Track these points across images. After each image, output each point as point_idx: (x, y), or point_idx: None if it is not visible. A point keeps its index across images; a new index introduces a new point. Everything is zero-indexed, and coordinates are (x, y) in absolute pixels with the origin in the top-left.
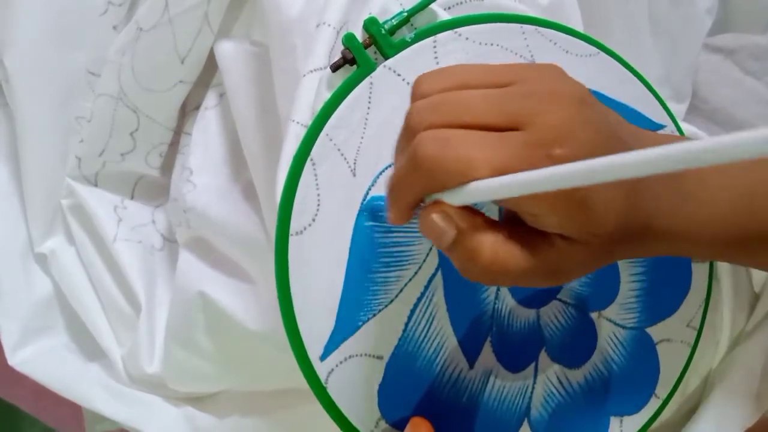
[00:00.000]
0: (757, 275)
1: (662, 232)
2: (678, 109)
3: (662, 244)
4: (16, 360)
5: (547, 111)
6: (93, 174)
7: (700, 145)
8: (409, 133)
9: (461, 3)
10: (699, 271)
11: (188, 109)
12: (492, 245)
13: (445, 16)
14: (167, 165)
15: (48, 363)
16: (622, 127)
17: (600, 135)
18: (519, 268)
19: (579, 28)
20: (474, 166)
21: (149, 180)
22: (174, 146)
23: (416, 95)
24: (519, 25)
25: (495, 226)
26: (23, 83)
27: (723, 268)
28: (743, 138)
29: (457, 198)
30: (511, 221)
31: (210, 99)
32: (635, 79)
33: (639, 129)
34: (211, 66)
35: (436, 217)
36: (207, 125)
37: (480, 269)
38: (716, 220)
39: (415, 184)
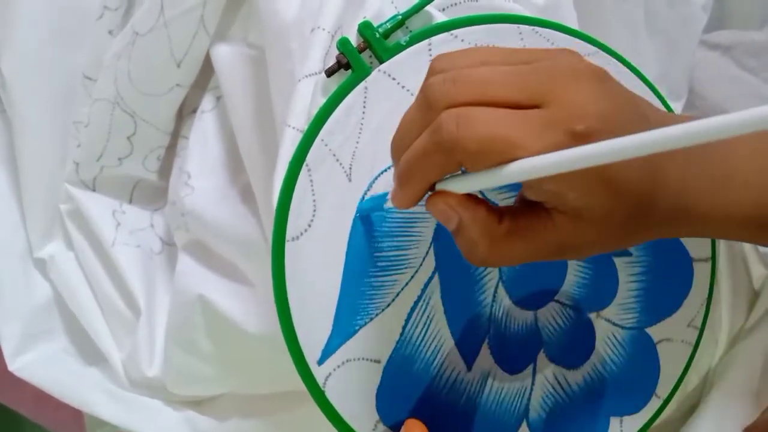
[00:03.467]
0: (757, 273)
1: (693, 213)
2: (675, 106)
3: (693, 225)
4: (15, 365)
5: (569, 88)
6: (91, 179)
7: (728, 118)
8: (427, 107)
9: (456, 4)
10: (700, 271)
11: (185, 113)
12: (491, 236)
13: (440, 17)
14: (165, 169)
15: (48, 368)
16: (643, 103)
17: (622, 111)
18: (519, 253)
19: (575, 28)
20: (497, 148)
21: (147, 184)
22: (171, 150)
23: (435, 71)
24: (515, 26)
25: (496, 215)
26: (20, 88)
27: (722, 266)
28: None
29: (462, 185)
30: (522, 200)
31: (207, 102)
32: (635, 77)
33: (659, 109)
34: (207, 69)
35: (441, 205)
36: (204, 128)
37: (479, 258)
38: (748, 203)
39: (435, 163)
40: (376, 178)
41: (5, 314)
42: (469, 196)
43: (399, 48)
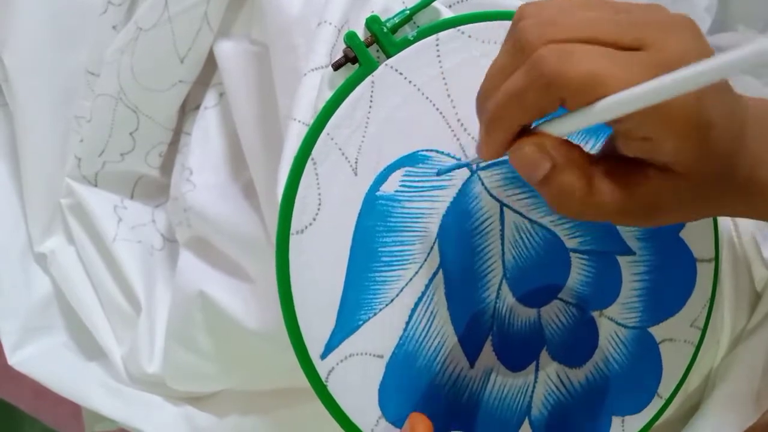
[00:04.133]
0: (759, 275)
1: (762, 184)
2: None
3: (757, 198)
4: (15, 359)
5: (670, 34)
6: (93, 174)
7: None
8: (521, 50)
9: (463, 1)
10: (704, 271)
11: (188, 109)
12: (588, 180)
13: (447, 13)
14: (167, 165)
15: (47, 362)
16: None
17: None
18: (615, 203)
19: None
20: (602, 82)
21: (149, 180)
22: (174, 146)
23: (523, 17)
24: None
25: (592, 161)
26: (23, 83)
27: (724, 267)
28: None
29: (570, 125)
30: (608, 157)
31: (209, 98)
32: None
33: None
34: (210, 65)
35: (529, 149)
36: (207, 125)
37: (576, 203)
38: None
39: (532, 101)
40: (381, 173)
41: (5, 308)
42: (563, 140)
43: (406, 43)
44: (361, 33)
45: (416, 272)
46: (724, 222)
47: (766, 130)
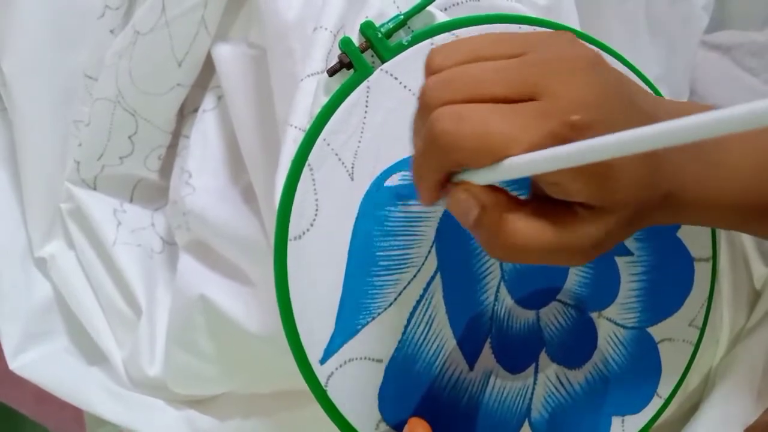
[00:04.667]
0: (758, 273)
1: (686, 200)
2: None
3: (686, 212)
4: (16, 364)
5: (562, 78)
6: (92, 178)
7: (728, 113)
8: (424, 111)
9: (458, 4)
10: (701, 270)
11: (186, 112)
12: (514, 222)
13: (442, 17)
14: (166, 168)
15: (49, 367)
16: (638, 90)
17: (616, 99)
18: (544, 244)
19: (576, 28)
20: (494, 142)
21: (148, 183)
22: (172, 149)
23: (429, 70)
24: (517, 26)
25: (519, 203)
26: (21, 87)
27: (723, 266)
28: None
29: (480, 177)
30: (537, 197)
31: (208, 102)
32: (636, 77)
33: (652, 94)
34: (208, 69)
35: (460, 195)
36: (205, 128)
37: (502, 245)
38: (739, 188)
39: (434, 162)
40: (378, 178)
41: (6, 313)
42: (490, 185)
43: (401, 48)
44: (356, 38)
45: (414, 276)
46: None
47: (693, 145)
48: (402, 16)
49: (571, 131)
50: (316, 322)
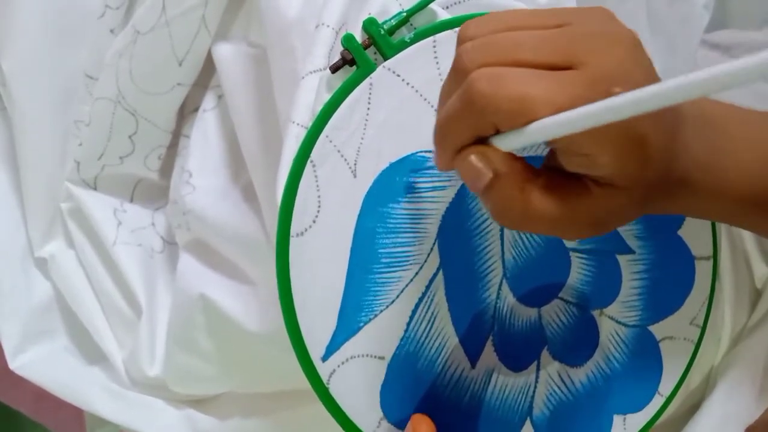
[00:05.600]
0: (760, 272)
1: (695, 186)
2: None
3: (692, 199)
4: (16, 364)
5: (603, 50)
6: (92, 177)
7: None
8: (458, 74)
9: (460, 2)
10: (702, 269)
11: (187, 112)
12: (529, 191)
13: (444, 15)
14: (166, 167)
15: (48, 366)
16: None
17: (651, 78)
18: (555, 215)
19: None
20: (531, 105)
21: (148, 183)
22: (173, 149)
23: (463, 38)
24: None
25: (534, 172)
26: (21, 87)
27: (724, 264)
28: None
29: (508, 142)
30: (550, 169)
31: (208, 101)
32: None
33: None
34: (208, 68)
35: (473, 158)
36: (206, 127)
37: (516, 214)
38: (743, 178)
39: (467, 124)
40: (380, 174)
41: (6, 313)
42: (505, 152)
43: (403, 45)
44: (359, 35)
45: (416, 273)
46: None
47: (702, 130)
48: (404, 14)
49: None
50: (318, 320)
